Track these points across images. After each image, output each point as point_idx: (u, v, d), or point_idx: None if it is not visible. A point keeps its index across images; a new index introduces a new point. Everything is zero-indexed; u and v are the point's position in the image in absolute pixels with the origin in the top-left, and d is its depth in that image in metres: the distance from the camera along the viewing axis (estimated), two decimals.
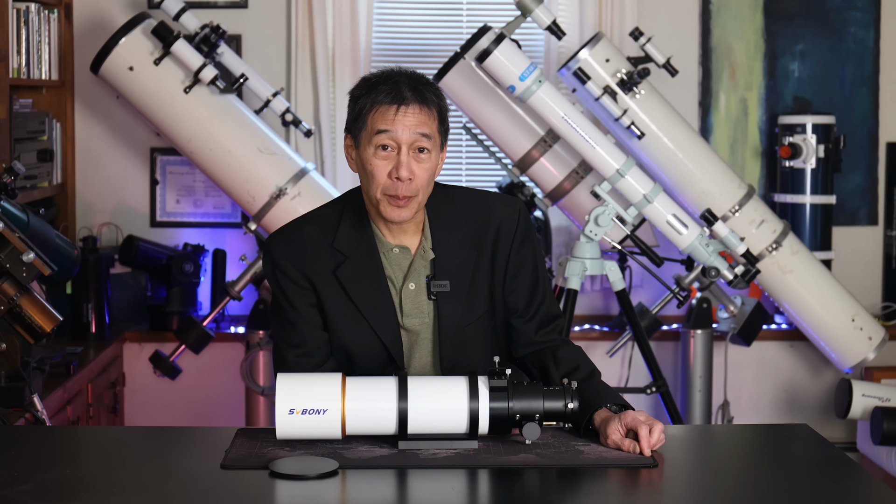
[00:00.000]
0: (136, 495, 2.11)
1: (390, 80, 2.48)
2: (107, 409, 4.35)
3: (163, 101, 4.15)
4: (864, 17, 4.94)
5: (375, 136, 2.46)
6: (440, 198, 2.59)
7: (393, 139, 2.45)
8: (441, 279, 2.54)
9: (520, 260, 2.60)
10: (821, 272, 4.44)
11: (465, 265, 2.56)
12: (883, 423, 4.01)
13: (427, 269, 2.56)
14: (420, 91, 2.48)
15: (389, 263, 2.56)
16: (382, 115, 2.45)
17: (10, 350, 3.08)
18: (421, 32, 4.86)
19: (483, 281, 2.58)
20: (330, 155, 4.72)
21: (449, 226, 2.57)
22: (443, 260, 2.55)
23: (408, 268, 2.56)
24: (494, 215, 2.59)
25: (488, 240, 2.58)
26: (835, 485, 2.23)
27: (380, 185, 2.47)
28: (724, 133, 4.94)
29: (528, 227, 2.62)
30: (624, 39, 4.63)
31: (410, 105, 2.46)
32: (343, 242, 2.54)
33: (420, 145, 2.47)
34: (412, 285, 2.56)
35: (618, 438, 2.33)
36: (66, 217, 4.71)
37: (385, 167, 2.46)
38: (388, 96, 2.46)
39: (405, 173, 2.45)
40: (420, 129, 2.46)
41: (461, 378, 2.34)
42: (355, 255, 2.53)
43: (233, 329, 4.71)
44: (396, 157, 2.46)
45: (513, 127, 4.28)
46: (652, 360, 4.15)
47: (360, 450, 2.32)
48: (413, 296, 2.56)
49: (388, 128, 2.45)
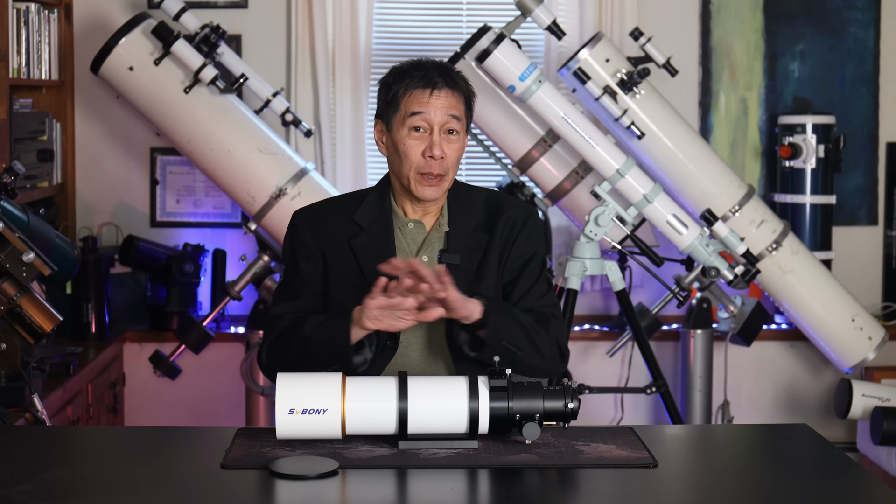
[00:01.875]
0: (136, 495, 2.11)
1: (421, 66, 2.66)
2: (107, 409, 4.35)
3: (163, 101, 4.15)
4: (864, 17, 4.94)
5: (409, 119, 2.62)
6: (460, 188, 2.74)
7: (426, 120, 2.62)
8: (453, 253, 2.66)
9: (520, 253, 2.70)
10: (821, 272, 4.44)
11: (477, 245, 2.68)
12: (883, 423, 4.01)
13: (441, 243, 2.68)
14: (450, 76, 2.67)
15: (404, 237, 2.69)
16: (416, 98, 2.62)
17: (10, 350, 3.07)
18: (421, 32, 4.85)
19: (492, 264, 2.68)
20: (330, 155, 4.72)
21: (466, 209, 2.71)
22: (456, 236, 2.68)
23: (422, 242, 2.68)
24: (508, 211, 2.72)
25: (499, 229, 2.70)
26: (835, 485, 2.23)
27: (413, 163, 2.63)
28: (724, 133, 4.94)
29: (535, 228, 2.73)
30: (624, 39, 4.63)
31: (442, 89, 2.63)
32: (362, 216, 2.69)
33: (450, 127, 2.64)
34: (425, 258, 2.67)
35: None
36: (66, 217, 4.71)
37: (418, 147, 2.62)
38: (422, 81, 2.63)
39: (438, 152, 2.61)
40: (450, 111, 2.63)
41: (461, 378, 2.34)
42: (371, 228, 2.67)
43: (233, 329, 4.71)
44: (429, 137, 2.63)
45: (513, 127, 4.28)
46: (652, 360, 4.15)
47: (360, 450, 2.32)
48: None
49: (422, 109, 2.62)
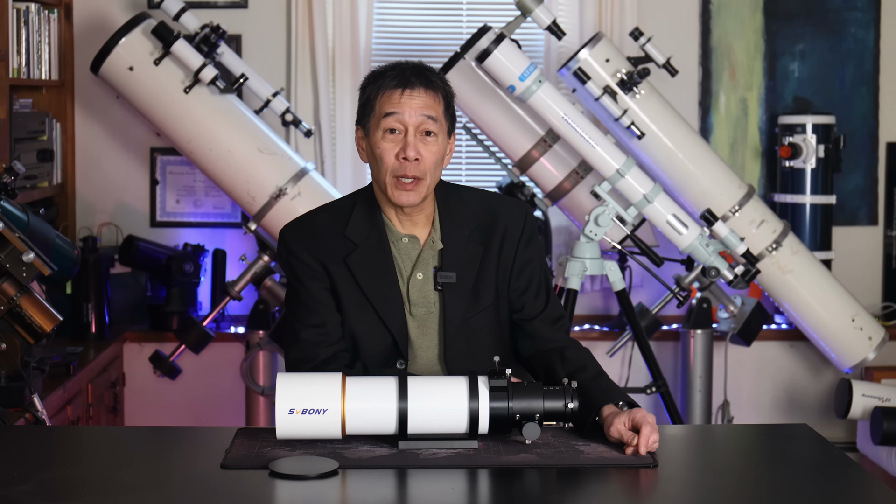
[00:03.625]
0: (136, 495, 2.11)
1: (397, 68, 2.57)
2: (107, 409, 4.35)
3: (163, 101, 4.15)
4: (864, 17, 4.94)
5: (383, 120, 2.53)
6: (450, 194, 2.65)
7: (400, 121, 2.53)
8: (448, 270, 2.59)
9: (525, 259, 2.65)
10: (821, 272, 4.44)
11: (472, 259, 2.61)
12: (883, 423, 4.01)
13: (435, 260, 2.61)
14: (425, 75, 2.56)
15: (399, 253, 2.61)
16: (388, 97, 2.53)
17: (10, 350, 3.07)
18: (421, 32, 4.85)
19: (489, 275, 2.62)
20: (330, 155, 4.72)
21: (458, 220, 2.63)
22: (450, 252, 2.60)
23: (416, 258, 2.60)
24: (502, 215, 2.65)
25: (496, 237, 2.63)
26: (835, 485, 2.23)
27: (388, 167, 2.54)
28: (724, 133, 4.94)
29: (533, 229, 2.67)
30: (624, 39, 4.63)
31: (416, 88, 2.53)
32: (354, 231, 2.60)
33: (426, 128, 2.54)
34: (420, 275, 2.60)
35: (621, 428, 2.33)
36: (66, 217, 4.71)
37: (392, 149, 2.53)
38: (394, 80, 2.54)
39: (412, 153, 2.51)
40: (425, 111, 2.53)
41: (461, 378, 2.34)
42: (366, 244, 2.59)
43: (233, 329, 4.71)
44: (403, 139, 2.53)
45: (513, 127, 4.28)
46: (652, 360, 4.15)
47: (360, 450, 2.32)
48: (420, 285, 2.60)
49: (395, 110, 2.52)
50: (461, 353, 2.60)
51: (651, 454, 2.30)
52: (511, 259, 2.63)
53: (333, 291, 2.60)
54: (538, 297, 2.66)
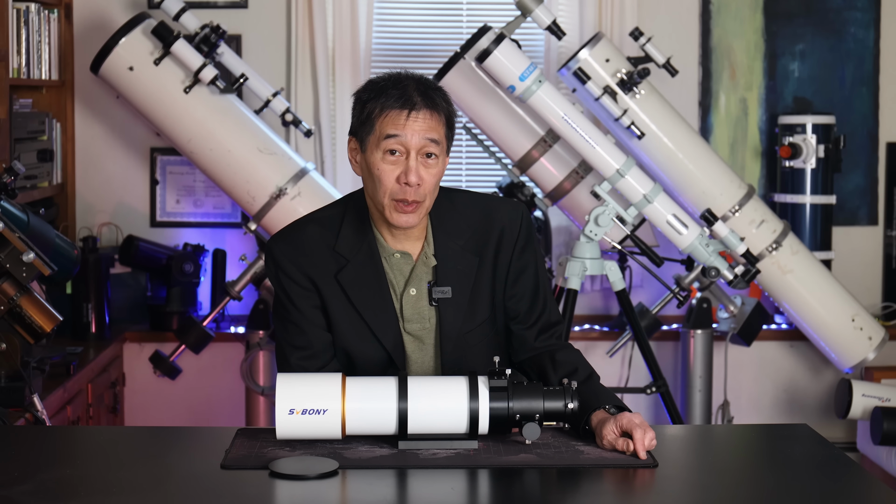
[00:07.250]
0: (136, 495, 2.11)
1: (399, 84, 2.46)
2: (107, 409, 4.35)
3: (163, 101, 4.15)
4: (864, 17, 4.94)
5: (384, 141, 2.43)
6: (443, 202, 2.56)
7: (402, 144, 2.43)
8: (443, 285, 2.52)
9: (522, 265, 2.59)
10: (821, 272, 4.44)
11: (468, 271, 2.54)
12: (883, 423, 4.01)
13: (429, 275, 2.54)
14: (430, 96, 2.46)
15: (391, 268, 2.54)
16: (392, 119, 2.43)
17: (10, 350, 3.08)
18: (421, 32, 4.85)
19: (485, 287, 2.56)
20: (330, 155, 4.72)
21: (451, 231, 2.55)
22: (445, 266, 2.53)
23: (409, 273, 2.54)
24: (497, 220, 2.57)
25: (491, 245, 2.56)
26: (835, 485, 2.23)
27: (388, 190, 2.44)
28: (724, 133, 4.94)
29: (530, 233, 2.60)
30: (624, 39, 4.63)
31: (421, 111, 2.43)
32: (345, 246, 2.52)
33: (428, 150, 2.45)
34: (413, 291, 2.54)
35: (612, 438, 2.32)
36: (66, 217, 4.71)
37: (393, 172, 2.44)
38: (399, 101, 2.43)
39: (414, 178, 2.42)
40: (429, 134, 2.44)
41: (461, 378, 2.34)
42: (356, 260, 2.51)
43: (233, 329, 4.71)
44: (405, 162, 2.43)
45: (513, 127, 4.28)
46: (652, 360, 4.15)
47: (360, 450, 2.32)
48: (414, 301, 2.55)
49: (399, 133, 2.43)
50: (457, 368, 2.55)
51: (651, 454, 2.30)
52: (507, 266, 2.57)
53: (324, 309, 2.53)
54: (534, 305, 2.60)
